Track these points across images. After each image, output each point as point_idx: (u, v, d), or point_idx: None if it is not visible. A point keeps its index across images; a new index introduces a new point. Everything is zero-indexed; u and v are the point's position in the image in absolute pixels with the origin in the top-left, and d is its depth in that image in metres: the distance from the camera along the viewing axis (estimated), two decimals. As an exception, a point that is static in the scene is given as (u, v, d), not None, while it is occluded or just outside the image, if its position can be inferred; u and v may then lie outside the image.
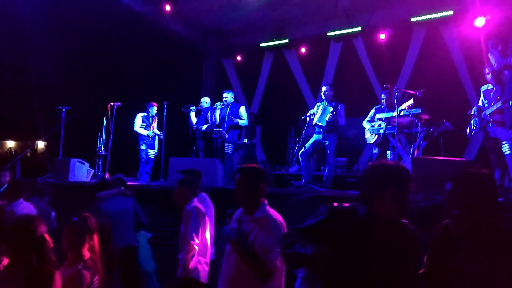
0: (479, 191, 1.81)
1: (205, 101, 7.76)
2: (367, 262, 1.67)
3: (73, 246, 2.57)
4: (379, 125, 6.06)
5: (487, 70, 5.30)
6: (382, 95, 6.27)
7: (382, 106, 6.25)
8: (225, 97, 7.06)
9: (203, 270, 3.53)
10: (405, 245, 1.74)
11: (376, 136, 6.09)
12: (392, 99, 5.76)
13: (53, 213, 4.64)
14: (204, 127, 7.45)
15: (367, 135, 6.28)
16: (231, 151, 6.86)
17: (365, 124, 6.30)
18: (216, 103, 7.23)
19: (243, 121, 6.94)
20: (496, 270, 1.72)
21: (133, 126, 7.95)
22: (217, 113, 7.13)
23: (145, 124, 7.97)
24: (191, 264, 3.44)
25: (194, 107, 7.62)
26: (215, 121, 7.12)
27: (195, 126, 7.60)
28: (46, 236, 2.08)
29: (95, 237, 2.65)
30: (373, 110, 6.29)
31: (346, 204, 1.84)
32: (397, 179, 1.73)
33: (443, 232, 1.89)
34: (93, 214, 4.19)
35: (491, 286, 1.71)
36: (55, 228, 4.19)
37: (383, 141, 6.05)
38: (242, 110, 7.04)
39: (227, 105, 7.02)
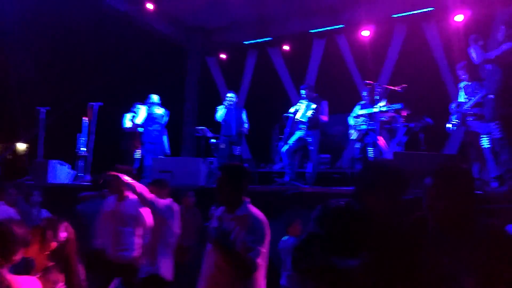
0: (456, 186, 1.83)
1: (153, 98, 7.49)
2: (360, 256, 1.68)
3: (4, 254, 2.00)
4: (361, 121, 6.11)
5: (460, 73, 5.37)
6: (364, 92, 6.31)
7: (365, 102, 6.29)
8: (231, 98, 7.09)
9: (170, 268, 3.51)
10: (397, 242, 1.75)
11: (358, 132, 6.13)
12: (374, 95, 5.80)
13: (44, 213, 4.56)
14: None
15: (351, 131, 6.31)
16: (239, 153, 7.09)
17: (350, 120, 6.33)
18: (220, 106, 7.09)
19: (246, 124, 7.13)
20: (471, 264, 1.74)
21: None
22: (220, 113, 7.02)
23: None
24: (160, 262, 3.42)
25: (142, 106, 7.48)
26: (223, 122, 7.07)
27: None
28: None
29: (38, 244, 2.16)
30: (358, 106, 6.33)
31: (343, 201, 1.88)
32: (388, 179, 1.76)
33: (418, 225, 1.90)
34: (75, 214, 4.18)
35: (466, 280, 1.73)
36: None
37: (365, 137, 6.09)
38: (244, 116, 7.16)
39: (231, 108, 7.02)
